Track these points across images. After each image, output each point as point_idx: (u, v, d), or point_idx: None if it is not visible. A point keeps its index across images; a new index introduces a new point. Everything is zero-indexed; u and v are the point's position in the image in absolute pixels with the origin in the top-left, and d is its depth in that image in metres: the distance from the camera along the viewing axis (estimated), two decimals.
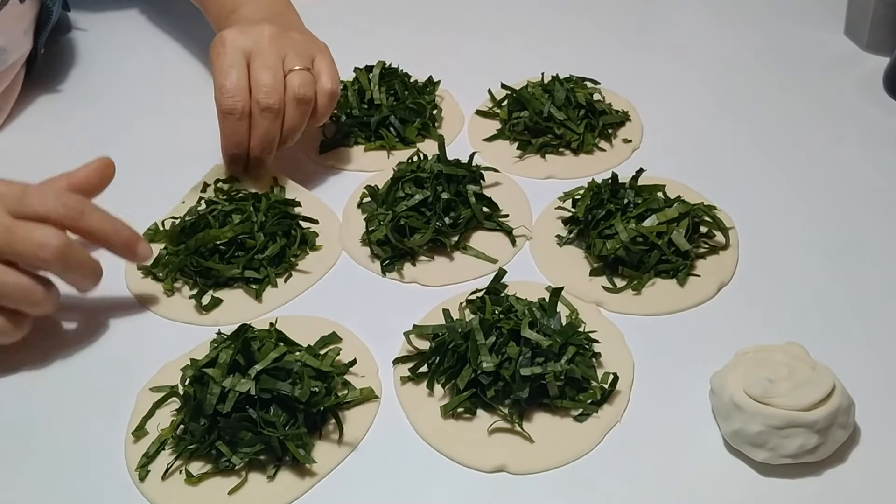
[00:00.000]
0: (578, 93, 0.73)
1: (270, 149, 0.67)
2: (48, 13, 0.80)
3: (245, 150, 0.67)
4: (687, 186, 0.68)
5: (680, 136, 0.74)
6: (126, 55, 0.88)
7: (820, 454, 0.49)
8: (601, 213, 0.62)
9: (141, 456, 0.52)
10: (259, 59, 0.66)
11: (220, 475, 0.51)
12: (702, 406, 0.53)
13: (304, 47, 0.68)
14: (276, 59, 0.66)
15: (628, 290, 0.60)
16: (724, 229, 0.62)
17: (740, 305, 0.59)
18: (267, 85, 0.65)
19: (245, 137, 0.66)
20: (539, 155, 0.72)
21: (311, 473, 0.51)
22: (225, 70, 0.65)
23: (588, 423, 0.52)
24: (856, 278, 0.61)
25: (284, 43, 0.67)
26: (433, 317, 0.59)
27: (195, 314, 0.61)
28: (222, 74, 0.65)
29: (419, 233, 0.63)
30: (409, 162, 0.67)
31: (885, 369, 0.54)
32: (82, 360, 0.59)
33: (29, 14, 0.78)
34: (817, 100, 0.77)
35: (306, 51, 0.68)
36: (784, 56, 0.83)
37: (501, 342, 0.53)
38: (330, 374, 0.54)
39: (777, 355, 0.51)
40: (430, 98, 0.78)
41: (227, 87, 0.65)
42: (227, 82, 0.65)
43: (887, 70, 0.78)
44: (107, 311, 0.60)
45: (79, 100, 0.83)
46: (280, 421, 0.51)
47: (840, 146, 0.72)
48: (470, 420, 0.53)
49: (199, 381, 0.51)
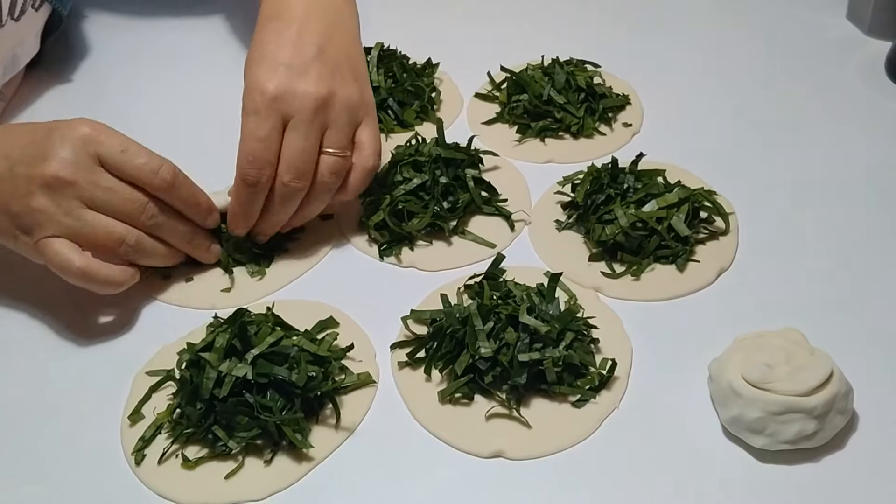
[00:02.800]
0: (578, 76, 0.72)
1: (282, 223, 0.61)
2: (58, 18, 0.80)
3: (254, 220, 0.61)
4: (687, 171, 0.67)
5: (680, 120, 0.74)
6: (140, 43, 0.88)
7: (818, 440, 0.49)
8: (601, 198, 0.61)
9: (137, 440, 0.52)
10: (297, 132, 0.58)
11: (216, 459, 0.51)
12: (700, 392, 0.53)
13: (350, 118, 0.60)
14: (317, 134, 0.59)
15: (627, 276, 0.60)
16: (724, 215, 0.62)
17: (740, 291, 0.59)
18: (298, 168, 0.58)
19: (257, 210, 0.60)
20: (538, 139, 0.72)
21: (308, 458, 0.51)
22: (256, 135, 0.58)
23: (586, 408, 0.52)
24: (856, 265, 0.60)
25: (330, 113, 0.59)
26: (431, 302, 0.59)
27: (192, 297, 0.61)
28: (251, 139, 0.58)
29: (417, 217, 0.63)
30: (407, 145, 0.67)
31: (883, 356, 0.54)
32: (78, 344, 0.58)
33: (41, 20, 0.79)
34: (819, 84, 0.77)
35: (351, 121, 0.60)
36: (786, 40, 0.82)
37: (499, 327, 0.53)
38: (327, 359, 0.54)
39: (775, 341, 0.51)
40: (429, 81, 0.77)
41: (254, 158, 0.58)
42: (255, 152, 0.58)
43: (889, 55, 0.78)
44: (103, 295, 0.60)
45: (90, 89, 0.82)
46: (277, 405, 0.51)
47: (841, 131, 0.72)
48: (467, 405, 0.53)
49: (195, 365, 0.51)
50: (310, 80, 0.59)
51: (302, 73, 0.59)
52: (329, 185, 0.60)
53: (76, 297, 0.59)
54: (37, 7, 0.76)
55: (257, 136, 0.58)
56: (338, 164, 0.60)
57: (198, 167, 0.61)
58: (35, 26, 0.78)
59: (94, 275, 0.55)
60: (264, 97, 0.58)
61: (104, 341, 0.59)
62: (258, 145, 0.58)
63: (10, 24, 0.73)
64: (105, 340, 0.59)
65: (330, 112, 0.59)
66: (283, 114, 0.58)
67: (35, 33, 0.78)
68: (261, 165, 0.58)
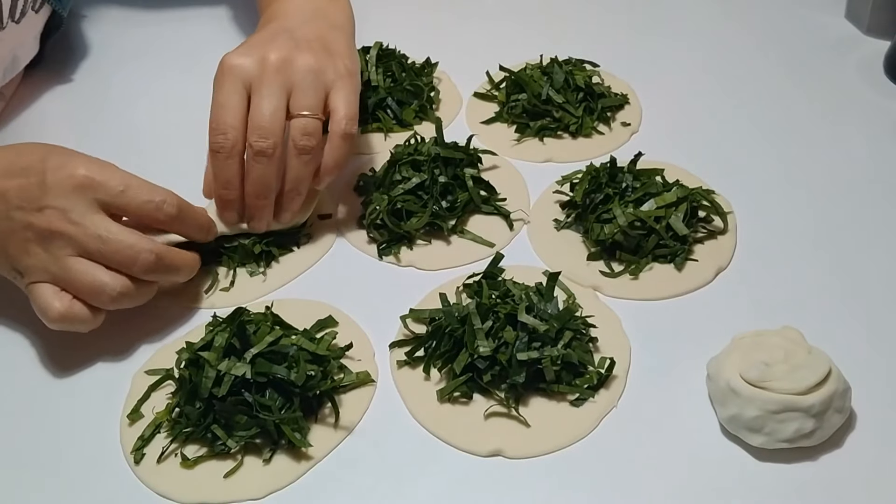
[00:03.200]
0: (577, 75, 0.72)
1: (266, 195, 0.60)
2: (59, 20, 0.80)
3: (238, 194, 0.60)
4: (686, 170, 0.67)
5: (679, 119, 0.74)
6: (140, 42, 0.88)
7: (816, 439, 0.49)
8: (599, 198, 0.61)
9: (136, 439, 0.52)
10: (259, 94, 0.59)
11: (215, 458, 0.51)
12: (698, 391, 0.53)
13: (317, 78, 0.60)
14: (280, 94, 0.59)
15: (626, 275, 0.60)
16: (723, 214, 0.62)
17: (738, 290, 0.59)
18: (262, 127, 0.58)
19: (236, 179, 0.59)
20: (537, 138, 0.72)
21: (306, 457, 0.51)
22: (219, 103, 0.59)
23: (584, 407, 0.52)
24: (854, 264, 0.60)
25: (293, 74, 0.59)
26: (430, 301, 0.59)
27: (191, 297, 0.61)
28: (215, 107, 0.59)
29: (416, 216, 0.63)
30: (406, 145, 0.67)
31: (881, 355, 0.54)
32: (77, 343, 0.58)
33: (41, 21, 0.79)
34: (817, 83, 0.77)
35: (320, 82, 0.60)
36: (784, 39, 0.82)
37: (498, 326, 0.53)
38: (326, 358, 0.54)
39: (773, 339, 0.51)
40: (428, 80, 0.77)
41: (217, 124, 0.58)
42: (218, 118, 0.58)
43: (888, 54, 0.78)
44: None
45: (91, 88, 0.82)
46: (276, 404, 0.51)
47: (840, 130, 0.72)
48: (466, 404, 0.53)
49: (194, 364, 0.51)
50: (268, 48, 0.60)
51: (263, 45, 0.61)
52: (302, 147, 0.59)
53: None
54: (37, 9, 0.76)
55: (218, 103, 0.59)
56: (309, 124, 0.59)
57: (199, 166, 0.62)
58: (35, 28, 0.78)
59: (73, 320, 0.54)
60: (222, 68, 0.59)
61: (103, 340, 0.59)
62: (219, 112, 0.58)
63: (11, 27, 0.73)
64: (104, 339, 0.59)
65: (291, 74, 0.59)
66: (242, 80, 0.59)
67: (34, 35, 0.79)
68: (224, 130, 0.58)
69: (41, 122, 0.78)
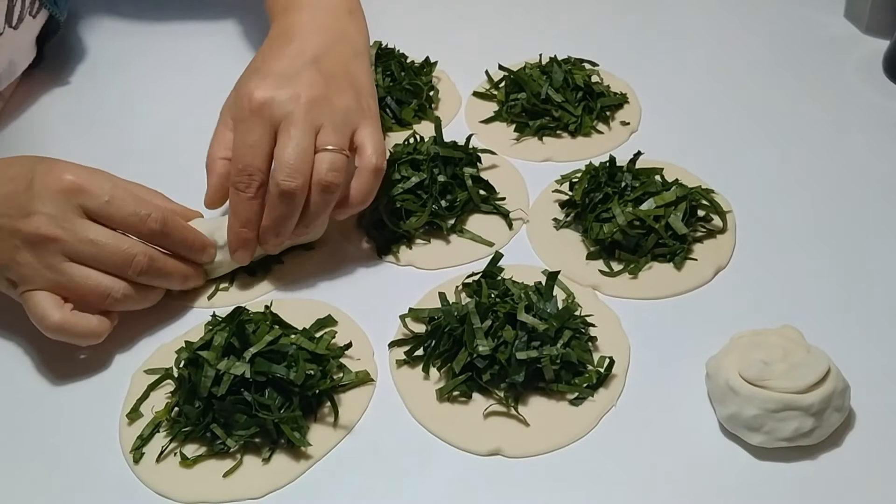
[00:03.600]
0: (576, 74, 0.72)
1: (284, 233, 0.58)
2: (55, 24, 0.80)
3: (255, 234, 0.58)
4: (685, 170, 0.67)
5: (678, 118, 0.74)
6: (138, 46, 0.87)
7: (815, 437, 0.49)
8: (598, 197, 0.62)
9: (135, 438, 0.52)
10: (288, 134, 0.57)
11: (214, 458, 0.51)
12: (697, 390, 0.53)
13: (346, 116, 0.59)
14: (311, 134, 0.57)
15: (625, 274, 0.60)
16: (722, 213, 0.62)
17: (737, 289, 0.59)
18: (291, 167, 0.56)
19: (256, 218, 0.58)
20: (536, 137, 0.72)
21: (306, 456, 0.51)
22: (247, 143, 0.57)
23: (583, 406, 0.52)
24: (853, 263, 0.60)
25: (323, 114, 0.58)
26: (429, 300, 0.59)
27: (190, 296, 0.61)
28: (242, 146, 0.57)
29: (415, 216, 0.63)
30: (405, 144, 0.67)
31: (881, 354, 0.54)
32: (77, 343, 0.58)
33: (37, 26, 0.78)
34: (817, 83, 0.77)
35: (347, 121, 0.59)
36: (783, 38, 0.82)
37: (497, 326, 0.53)
38: (325, 357, 0.54)
39: (772, 338, 0.51)
40: (427, 79, 0.77)
41: (244, 165, 0.57)
42: (246, 159, 0.57)
43: (887, 53, 0.78)
44: None
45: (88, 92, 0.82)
46: (275, 404, 0.51)
47: (839, 130, 0.72)
48: (465, 404, 0.53)
49: (193, 363, 0.51)
50: (299, 84, 0.58)
51: (293, 78, 0.59)
52: (329, 183, 0.57)
53: None
54: (34, 14, 0.76)
55: (246, 143, 0.57)
56: (336, 159, 0.57)
57: (196, 173, 0.61)
58: (31, 33, 0.78)
59: (71, 329, 0.54)
60: (251, 104, 0.57)
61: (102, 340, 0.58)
62: (247, 151, 0.57)
63: (9, 33, 0.73)
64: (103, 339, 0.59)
65: (322, 112, 0.58)
66: (272, 119, 0.57)
67: (31, 39, 0.78)
68: (251, 172, 0.57)
69: (38, 125, 0.78)
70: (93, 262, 0.54)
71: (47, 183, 0.54)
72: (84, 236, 0.54)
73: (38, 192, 0.54)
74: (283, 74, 0.59)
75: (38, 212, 0.53)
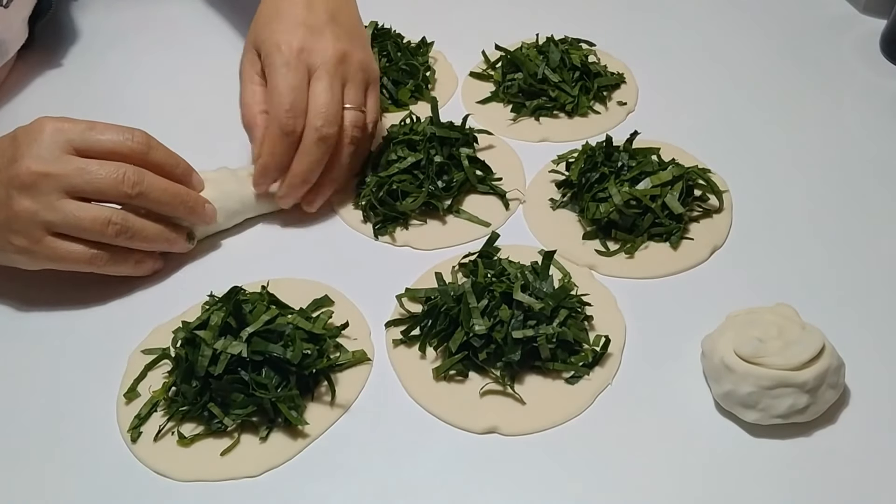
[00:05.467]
0: (573, 54, 0.72)
1: (312, 179, 0.61)
2: (47, 3, 0.80)
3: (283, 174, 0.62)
4: (681, 149, 0.67)
5: (675, 98, 0.74)
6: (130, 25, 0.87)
7: (810, 414, 0.49)
8: (595, 177, 0.61)
9: (133, 417, 0.52)
10: (324, 82, 0.60)
11: (212, 436, 0.51)
12: (693, 369, 0.53)
13: (363, 79, 0.63)
14: (339, 87, 0.61)
15: (621, 254, 0.60)
16: (718, 192, 0.62)
17: (733, 268, 0.59)
18: (329, 114, 0.60)
19: (289, 163, 0.61)
20: (533, 117, 0.72)
21: (303, 435, 0.51)
22: (292, 85, 0.59)
23: (579, 385, 0.53)
24: (848, 241, 0.61)
25: (347, 69, 0.62)
26: (425, 280, 0.59)
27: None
28: (288, 89, 0.59)
29: (412, 196, 0.63)
30: (401, 124, 0.67)
31: (875, 332, 0.55)
32: (74, 323, 0.59)
33: (29, 5, 0.78)
34: (814, 62, 0.77)
35: (364, 81, 0.63)
36: (781, 17, 0.82)
37: (494, 305, 0.53)
38: (322, 337, 0.54)
39: (767, 316, 0.51)
40: (424, 59, 0.77)
41: (291, 107, 0.59)
42: (293, 101, 0.59)
43: (884, 32, 0.77)
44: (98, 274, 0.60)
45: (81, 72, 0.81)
46: (272, 383, 0.51)
47: (836, 109, 0.72)
48: (462, 382, 0.53)
49: (190, 343, 0.51)
50: (328, 39, 0.62)
51: (319, 32, 0.62)
52: (353, 139, 0.61)
53: (71, 276, 0.59)
54: None
55: (292, 86, 0.60)
56: (358, 117, 0.61)
57: (193, 146, 0.61)
58: (23, 12, 0.77)
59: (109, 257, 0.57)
60: (291, 50, 0.60)
61: (99, 320, 0.59)
62: (295, 94, 0.59)
63: (0, 12, 0.73)
64: (100, 319, 0.59)
65: (348, 68, 0.62)
66: (309, 66, 0.60)
67: (23, 18, 0.78)
68: (297, 114, 0.59)
69: (32, 106, 0.78)
70: (88, 191, 0.55)
71: (28, 130, 0.56)
72: (75, 166, 0.55)
73: (21, 141, 0.55)
74: (310, 26, 0.62)
75: (25, 154, 0.55)
